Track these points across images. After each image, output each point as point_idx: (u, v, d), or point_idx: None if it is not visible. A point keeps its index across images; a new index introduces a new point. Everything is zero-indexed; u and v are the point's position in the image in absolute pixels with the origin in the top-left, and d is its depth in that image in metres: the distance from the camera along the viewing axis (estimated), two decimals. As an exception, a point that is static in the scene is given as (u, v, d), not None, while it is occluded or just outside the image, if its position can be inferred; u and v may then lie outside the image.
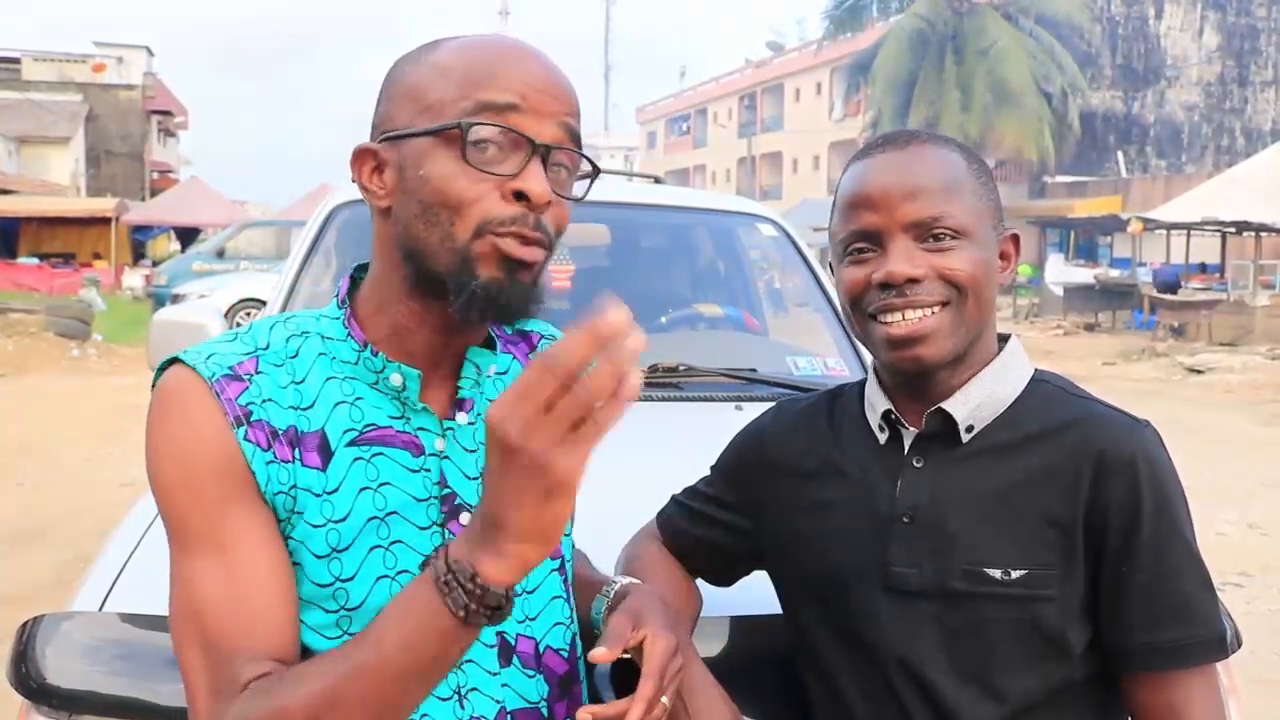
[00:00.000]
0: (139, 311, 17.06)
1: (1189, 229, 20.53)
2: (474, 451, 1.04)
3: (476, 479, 1.03)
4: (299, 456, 0.96)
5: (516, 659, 1.05)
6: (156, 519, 1.05)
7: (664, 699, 1.02)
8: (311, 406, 0.98)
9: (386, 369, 1.00)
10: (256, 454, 0.94)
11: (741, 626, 1.39)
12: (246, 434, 0.94)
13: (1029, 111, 29.03)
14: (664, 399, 2.22)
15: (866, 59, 32.26)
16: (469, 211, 0.94)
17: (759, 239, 3.19)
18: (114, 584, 1.42)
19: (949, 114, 28.99)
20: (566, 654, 1.11)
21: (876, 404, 1.22)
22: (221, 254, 18.62)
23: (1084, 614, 1.11)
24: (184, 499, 0.93)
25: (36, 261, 21.89)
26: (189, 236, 26.44)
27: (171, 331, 2.59)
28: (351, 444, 0.98)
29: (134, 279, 22.66)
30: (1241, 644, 1.52)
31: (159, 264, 22.60)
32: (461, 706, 1.00)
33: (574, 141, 1.00)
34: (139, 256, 26.43)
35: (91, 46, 37.13)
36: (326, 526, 0.96)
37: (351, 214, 2.64)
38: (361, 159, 1.01)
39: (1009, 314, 21.63)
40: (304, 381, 0.99)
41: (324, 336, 1.03)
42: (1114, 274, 22.17)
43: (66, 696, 1.29)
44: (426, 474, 1.01)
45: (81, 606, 1.40)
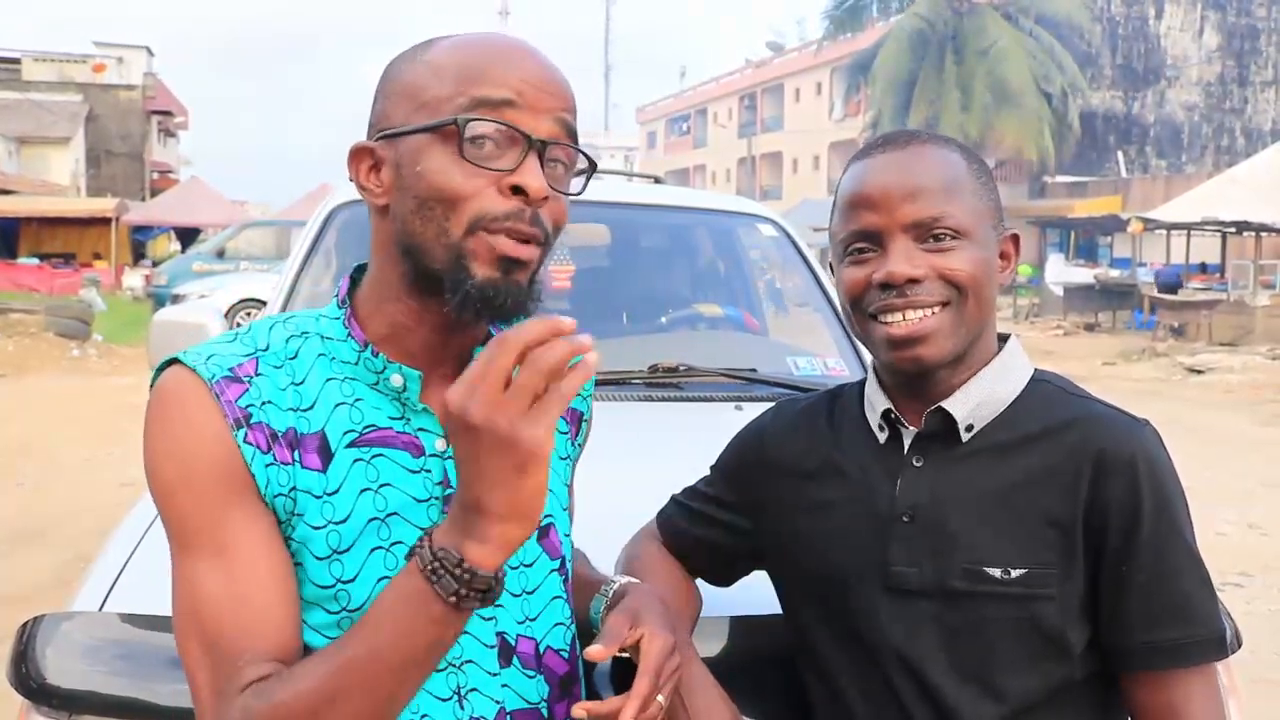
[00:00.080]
0: (139, 312, 17.06)
1: (1189, 229, 20.52)
2: None
3: None
4: (298, 458, 0.96)
5: (517, 659, 1.04)
6: (156, 519, 1.04)
7: (660, 697, 1.02)
8: (311, 408, 0.98)
9: (387, 370, 1.00)
10: (256, 456, 0.94)
11: (741, 626, 1.39)
12: (246, 436, 0.93)
13: (1029, 111, 29.02)
14: (664, 399, 2.22)
15: (866, 59, 32.26)
16: (464, 206, 0.94)
17: (759, 239, 3.19)
18: (114, 584, 1.43)
19: (949, 114, 28.98)
20: (567, 654, 1.11)
21: (876, 403, 1.22)
22: (222, 254, 18.63)
23: (1084, 613, 1.11)
24: (184, 500, 0.92)
25: (37, 262, 21.92)
26: (189, 237, 26.45)
27: (172, 331, 2.59)
28: (351, 445, 0.98)
29: (134, 279, 22.66)
30: (1241, 644, 1.52)
31: (159, 264, 22.62)
32: (461, 707, 1.00)
33: (570, 137, 1.00)
34: (139, 257, 26.44)
35: (91, 47, 37.13)
36: (327, 528, 0.96)
37: (351, 214, 2.64)
38: (358, 157, 1.01)
39: (1009, 314, 21.63)
40: (304, 383, 0.99)
41: (324, 337, 1.02)
42: (1114, 274, 22.16)
43: (66, 696, 1.29)
44: (427, 474, 1.00)
45: (81, 606, 1.40)
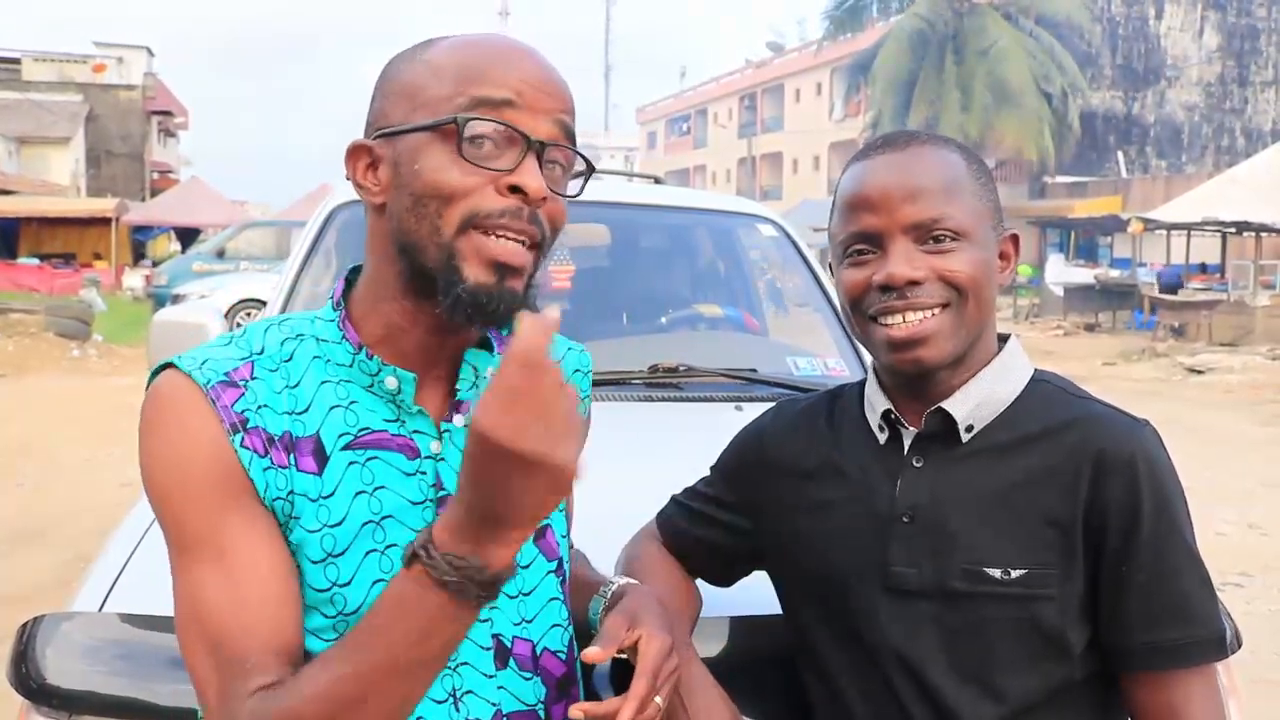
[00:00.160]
0: (139, 312, 17.06)
1: (1189, 229, 20.51)
2: None
3: None
4: (294, 462, 0.95)
5: (513, 661, 1.04)
6: (155, 520, 1.05)
7: (658, 699, 1.02)
8: (306, 411, 0.98)
9: (382, 372, 1.00)
10: (254, 461, 0.93)
11: (741, 626, 1.39)
12: (243, 441, 0.93)
13: (1029, 112, 29.02)
14: (664, 399, 2.22)
15: (867, 59, 32.25)
16: (459, 204, 0.93)
17: (759, 239, 3.19)
18: (114, 584, 1.42)
19: (949, 114, 28.97)
20: (564, 656, 1.11)
21: (876, 404, 1.22)
22: (222, 254, 18.62)
23: (1083, 614, 1.11)
24: (182, 506, 0.92)
25: (37, 262, 21.91)
26: (189, 237, 26.44)
27: (172, 332, 2.58)
28: (346, 448, 0.98)
29: (134, 279, 22.65)
30: (1241, 644, 1.52)
31: (159, 264, 22.60)
32: (457, 709, 0.99)
33: (569, 139, 1.00)
34: (139, 257, 26.43)
35: (92, 47, 37.13)
36: (322, 531, 0.95)
37: (352, 214, 2.63)
38: (356, 155, 1.00)
39: (1009, 314, 21.62)
40: (298, 385, 0.99)
41: (319, 339, 1.02)
42: (1114, 274, 22.15)
43: (66, 697, 1.29)
44: (422, 477, 1.00)
45: (81, 607, 1.40)
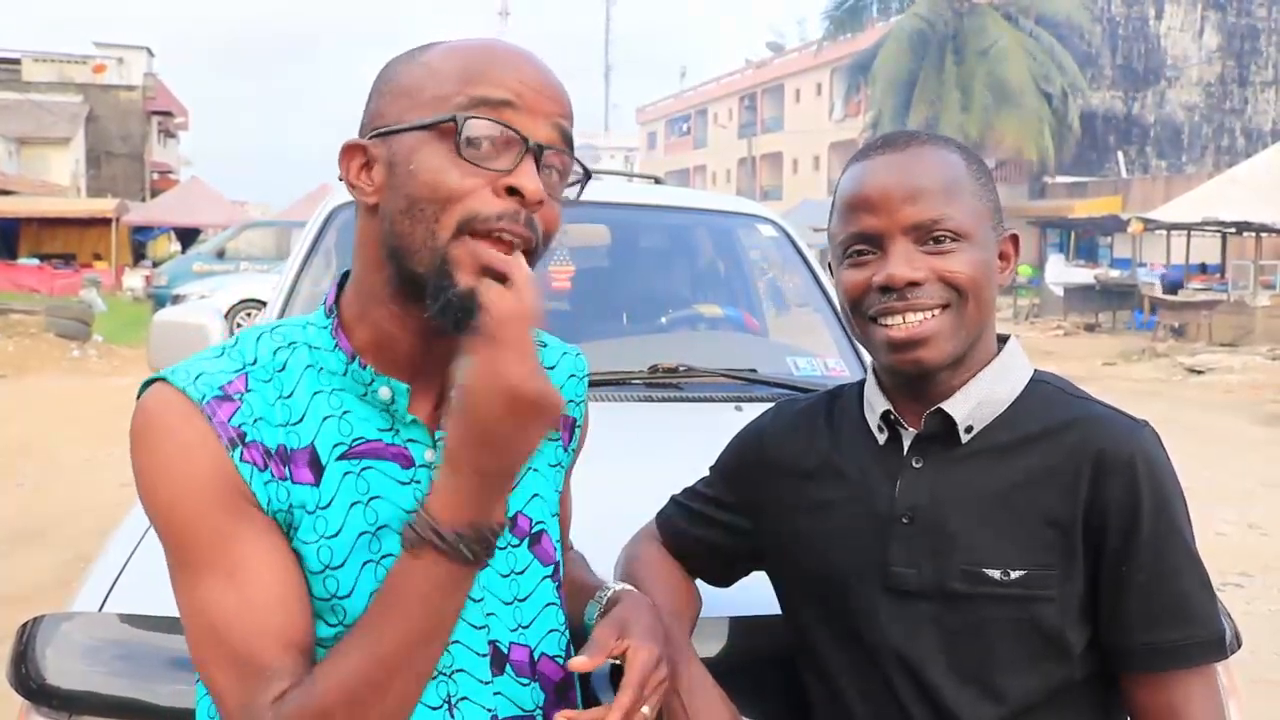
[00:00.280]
0: (139, 312, 17.06)
1: (1189, 229, 20.51)
2: None
3: None
4: (290, 474, 0.95)
5: (510, 668, 1.04)
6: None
7: (645, 709, 1.01)
8: (300, 421, 0.97)
9: (375, 382, 0.98)
10: (254, 474, 0.92)
11: (741, 627, 1.39)
12: (242, 455, 0.92)
13: (1029, 112, 29.01)
14: (664, 399, 2.22)
15: (867, 59, 32.24)
16: (456, 206, 0.92)
17: (759, 239, 3.19)
18: (114, 585, 1.42)
19: (949, 114, 28.96)
20: (562, 661, 1.10)
21: (876, 405, 1.22)
22: (222, 255, 18.62)
23: (1083, 614, 1.11)
24: (185, 521, 0.91)
25: (37, 262, 21.93)
26: (189, 237, 26.45)
27: (172, 332, 2.59)
28: (341, 458, 0.97)
29: (134, 280, 22.64)
30: (1241, 644, 1.52)
31: (159, 265, 22.61)
32: (451, 715, 0.99)
33: (567, 144, 0.99)
34: (139, 257, 26.43)
35: (92, 47, 37.12)
36: (319, 543, 0.94)
37: (351, 215, 2.59)
38: (350, 154, 0.99)
39: (1009, 314, 21.62)
40: (292, 395, 0.97)
41: (311, 346, 1.00)
42: (1114, 274, 22.15)
43: (66, 697, 1.29)
44: (417, 485, 0.99)
45: (81, 607, 1.40)
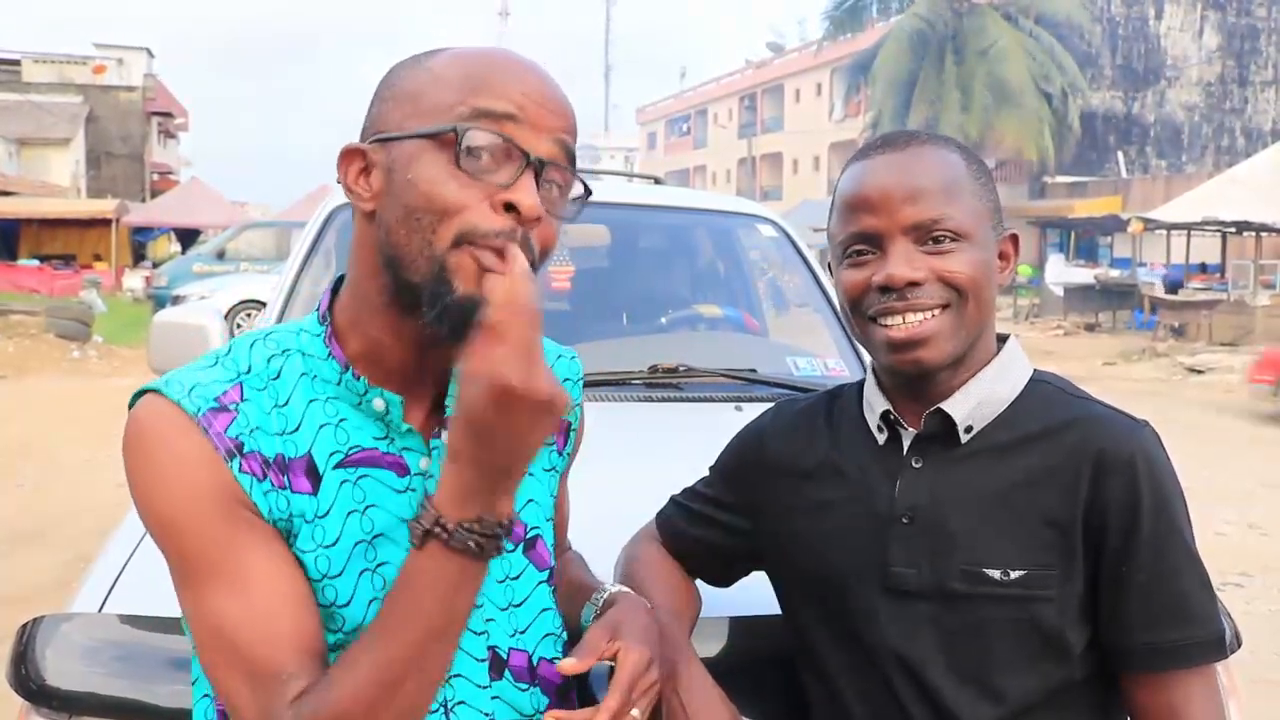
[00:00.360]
0: (139, 313, 17.06)
1: (1189, 229, 20.52)
2: None
3: None
4: (289, 483, 0.94)
5: (509, 673, 1.03)
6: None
7: (635, 712, 1.01)
8: (296, 430, 0.96)
9: (369, 393, 0.98)
10: (254, 485, 0.92)
11: (741, 627, 1.39)
12: (241, 466, 0.91)
13: (1029, 112, 29.00)
14: (663, 399, 2.22)
15: (867, 59, 32.23)
16: (453, 219, 0.90)
17: (759, 239, 3.19)
18: (113, 585, 1.42)
19: (949, 114, 28.95)
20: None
21: (875, 405, 1.22)
22: (222, 255, 18.61)
23: (1083, 614, 1.11)
24: (186, 534, 0.90)
25: (37, 263, 21.94)
26: (189, 238, 26.46)
27: (172, 333, 2.59)
28: (338, 466, 0.96)
29: (134, 280, 22.63)
30: (1241, 644, 1.52)
31: (159, 265, 22.61)
32: (448, 719, 0.98)
33: (568, 160, 0.97)
34: (139, 258, 26.44)
35: (91, 48, 37.13)
36: (316, 552, 0.94)
37: (351, 215, 2.63)
38: (349, 159, 0.98)
39: (1009, 314, 21.62)
40: (287, 404, 0.97)
41: (304, 353, 0.99)
42: (1114, 274, 22.15)
43: (66, 698, 1.29)
44: (412, 494, 0.99)
45: (81, 608, 1.40)
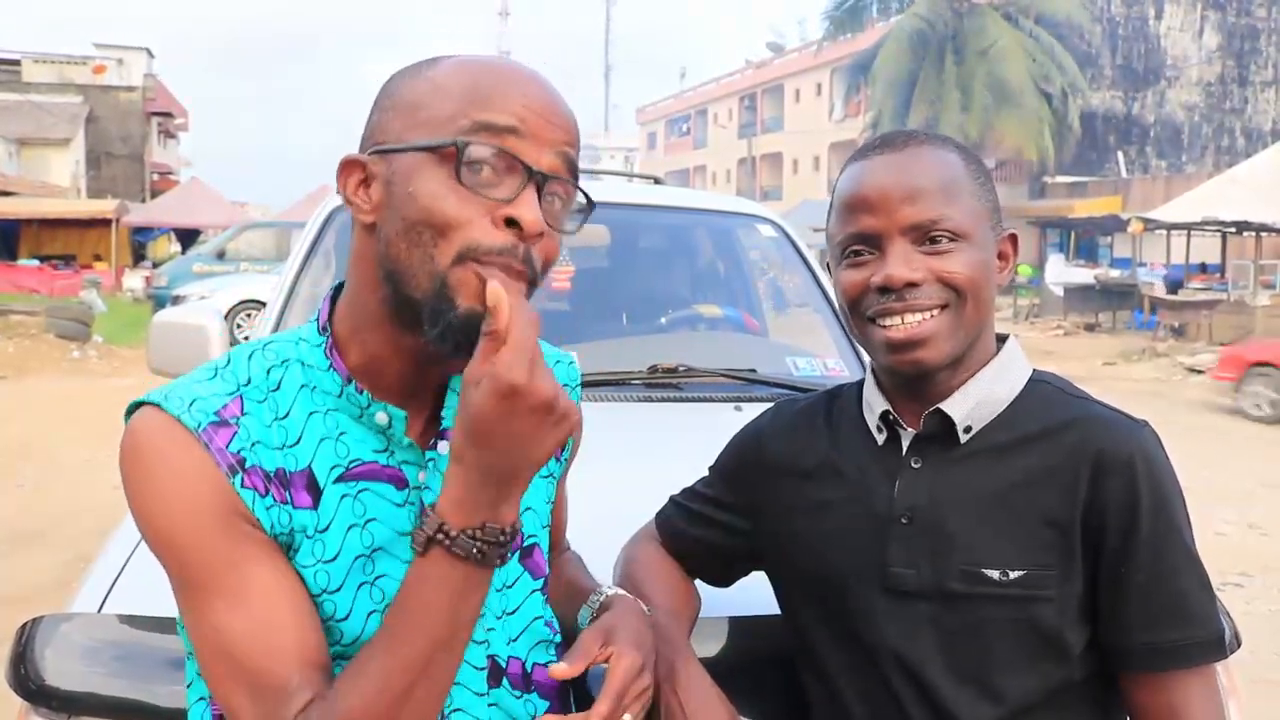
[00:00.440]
0: (139, 313, 17.04)
1: (1189, 229, 20.51)
2: None
3: None
4: (291, 498, 0.93)
5: (506, 680, 1.03)
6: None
7: (626, 717, 1.01)
8: (297, 443, 0.95)
9: (372, 407, 0.97)
10: (256, 500, 0.91)
11: (740, 627, 1.39)
12: (243, 481, 0.90)
13: (1029, 112, 28.98)
14: (663, 399, 2.22)
15: (867, 59, 32.22)
16: (454, 235, 0.89)
17: (758, 239, 3.19)
18: (113, 585, 1.42)
19: (949, 114, 28.94)
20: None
21: (874, 405, 1.22)
22: (222, 255, 18.60)
23: (1082, 614, 1.11)
24: (188, 548, 0.89)
25: (37, 263, 21.93)
26: (189, 238, 26.46)
27: (172, 333, 2.59)
28: (339, 480, 0.96)
29: (134, 280, 22.61)
30: (1241, 644, 1.52)
31: (159, 265, 22.60)
32: None
33: (571, 173, 0.96)
34: (139, 258, 26.44)
35: (91, 48, 37.12)
36: (316, 567, 0.93)
37: (351, 216, 2.63)
38: (348, 170, 0.97)
39: (1009, 314, 21.62)
40: (287, 416, 0.96)
41: (305, 364, 0.98)
42: (1114, 274, 22.14)
43: (65, 698, 1.29)
44: (411, 507, 0.98)
45: (80, 608, 1.40)
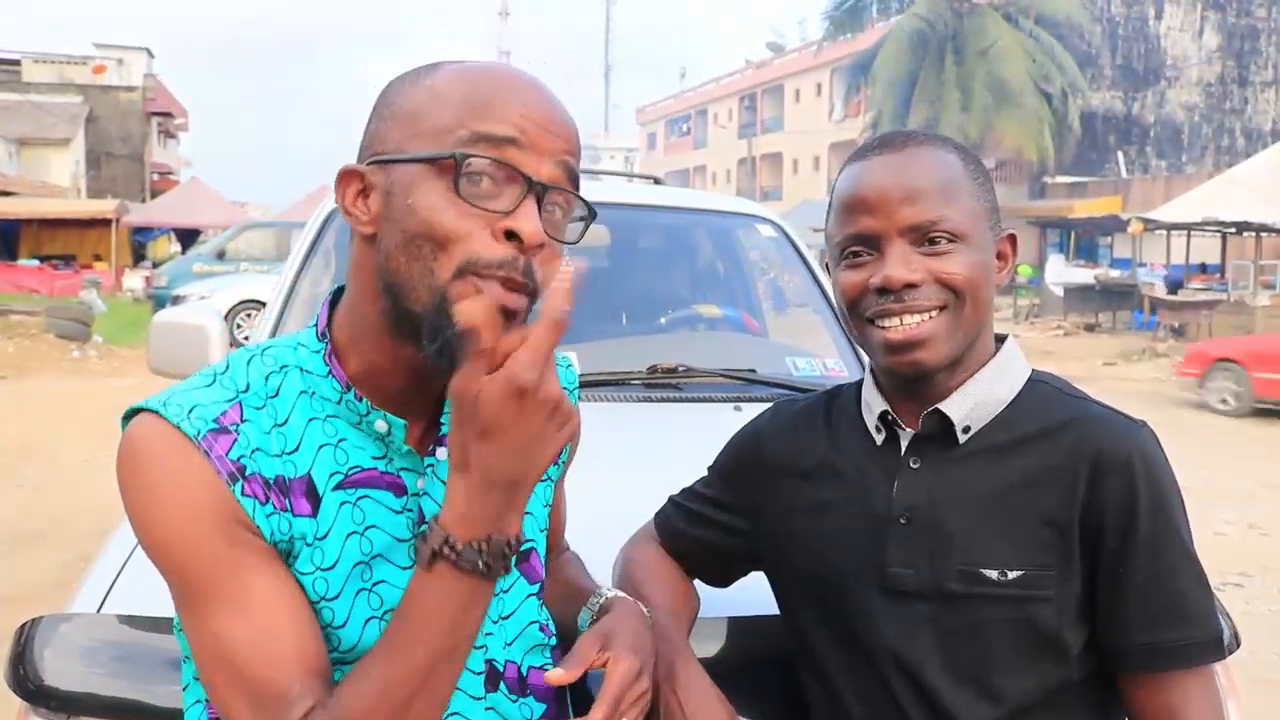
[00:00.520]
0: (139, 313, 17.04)
1: (1189, 229, 20.50)
2: None
3: None
4: (290, 505, 0.93)
5: (504, 685, 1.03)
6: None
7: None
8: (296, 450, 0.95)
9: (371, 415, 0.97)
10: (257, 508, 0.90)
11: (739, 627, 1.39)
12: (243, 489, 0.90)
13: (1029, 112, 28.98)
14: (663, 399, 2.22)
15: (867, 60, 32.21)
16: (454, 249, 0.88)
17: (758, 239, 3.19)
18: (112, 586, 1.42)
19: (949, 114, 28.94)
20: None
21: (873, 405, 1.22)
22: (222, 255, 18.60)
23: (1081, 614, 1.11)
24: (188, 556, 0.88)
25: (37, 263, 21.93)
26: (189, 238, 26.46)
27: (172, 333, 2.58)
28: (338, 487, 0.95)
29: (134, 280, 22.61)
30: (1240, 644, 1.52)
31: (159, 265, 22.61)
32: None
33: (572, 182, 0.95)
34: (139, 258, 26.44)
35: (91, 48, 37.11)
36: (315, 574, 0.93)
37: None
38: (346, 181, 0.95)
39: (1009, 314, 21.62)
40: (287, 422, 0.95)
41: (304, 370, 0.98)
42: (1114, 274, 22.14)
43: (65, 698, 1.29)
44: (409, 514, 0.98)
45: (80, 608, 1.40)
